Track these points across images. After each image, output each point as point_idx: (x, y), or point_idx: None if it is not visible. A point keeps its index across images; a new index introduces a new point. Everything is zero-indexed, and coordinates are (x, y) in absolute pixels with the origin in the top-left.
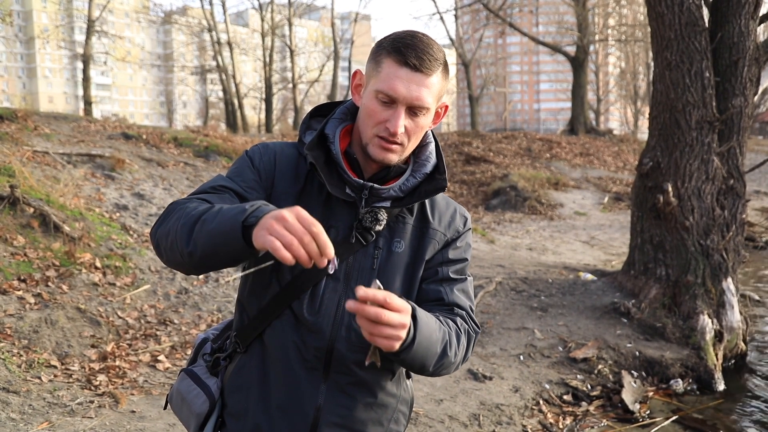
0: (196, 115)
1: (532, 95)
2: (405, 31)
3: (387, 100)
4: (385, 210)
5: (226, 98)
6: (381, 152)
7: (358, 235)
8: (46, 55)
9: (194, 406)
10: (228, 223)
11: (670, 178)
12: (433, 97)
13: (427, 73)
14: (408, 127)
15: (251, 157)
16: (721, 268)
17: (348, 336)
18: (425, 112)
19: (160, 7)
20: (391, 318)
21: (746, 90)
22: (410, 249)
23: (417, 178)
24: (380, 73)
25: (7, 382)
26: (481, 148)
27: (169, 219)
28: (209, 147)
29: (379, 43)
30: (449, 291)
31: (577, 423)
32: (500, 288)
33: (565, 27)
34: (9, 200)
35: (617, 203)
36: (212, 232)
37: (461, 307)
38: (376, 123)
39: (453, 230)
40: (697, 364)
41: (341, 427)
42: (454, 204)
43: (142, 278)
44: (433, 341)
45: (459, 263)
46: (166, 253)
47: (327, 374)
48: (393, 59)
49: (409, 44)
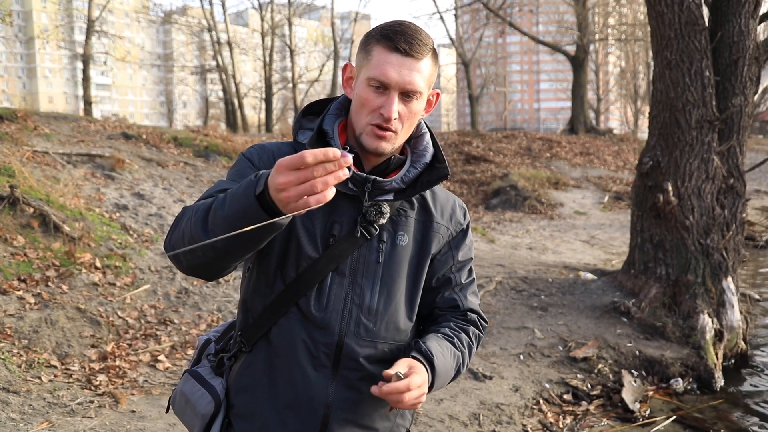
0: (196, 114)
1: (532, 95)
2: (391, 21)
3: (379, 86)
4: (388, 203)
5: (226, 98)
6: (374, 140)
7: (362, 229)
8: (46, 55)
9: (199, 407)
10: (242, 203)
11: (670, 177)
12: (425, 81)
13: (417, 57)
14: (401, 113)
15: (249, 158)
16: (722, 268)
17: (357, 330)
18: (418, 97)
19: (159, 7)
20: (412, 396)
21: (746, 89)
22: (414, 242)
23: (417, 169)
24: (371, 61)
25: (7, 382)
26: (481, 147)
27: (180, 224)
28: (209, 147)
29: (368, 33)
30: (464, 298)
31: (577, 422)
32: (500, 287)
33: (565, 26)
34: (9, 200)
35: (617, 202)
36: (228, 217)
37: (474, 311)
38: (370, 111)
39: (455, 223)
40: (697, 364)
41: (351, 422)
42: (452, 196)
43: (142, 278)
44: (448, 375)
45: (468, 264)
46: (186, 258)
47: (336, 371)
48: (383, 46)
49: (398, 31)
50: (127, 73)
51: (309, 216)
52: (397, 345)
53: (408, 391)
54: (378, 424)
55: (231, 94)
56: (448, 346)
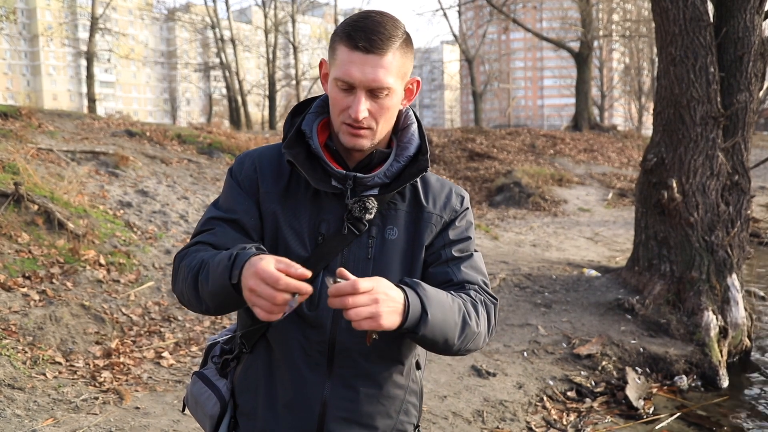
0: (200, 112)
1: (536, 91)
2: (358, 13)
3: (346, 87)
4: (374, 198)
5: (230, 95)
6: (351, 139)
7: (349, 225)
8: (50, 53)
9: (207, 408)
10: (219, 285)
11: (674, 174)
12: (394, 75)
13: (379, 53)
14: (372, 110)
15: (232, 173)
16: (726, 264)
17: (349, 327)
18: (387, 92)
19: (163, 4)
20: (359, 301)
21: (751, 85)
22: (405, 235)
23: (401, 162)
24: (336, 60)
25: (12, 379)
26: (485, 144)
27: (178, 278)
28: (213, 144)
29: (335, 29)
30: (456, 270)
31: (581, 419)
32: (504, 284)
33: (569, 23)
34: (13, 198)
35: (621, 199)
36: (213, 294)
37: (472, 281)
38: (340, 111)
39: (450, 211)
40: (701, 361)
41: (348, 421)
42: (449, 184)
43: (146, 275)
44: (448, 311)
45: (461, 242)
46: (192, 308)
47: (331, 369)
48: (344, 45)
49: (359, 27)
50: (131, 70)
51: (295, 215)
52: (394, 342)
53: (354, 295)
54: (378, 422)
55: (234, 92)
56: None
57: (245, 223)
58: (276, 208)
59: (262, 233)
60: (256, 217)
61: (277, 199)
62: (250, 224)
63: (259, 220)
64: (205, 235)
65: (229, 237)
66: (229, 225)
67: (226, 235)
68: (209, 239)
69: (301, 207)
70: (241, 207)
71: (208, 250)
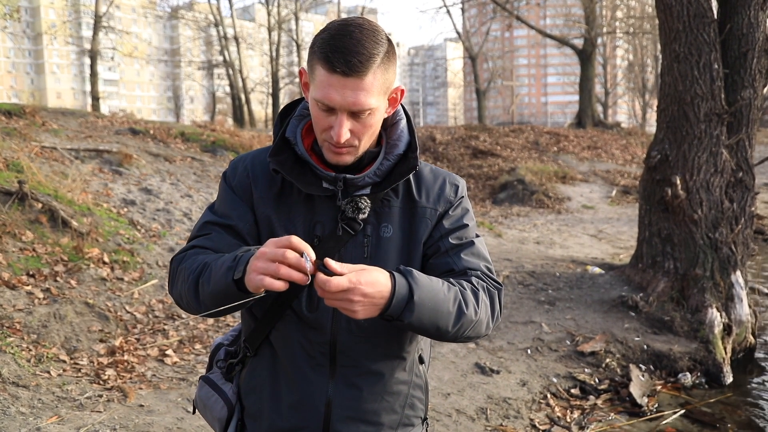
0: (204, 110)
1: (540, 88)
2: (336, 27)
3: (326, 109)
4: (366, 197)
5: (233, 93)
6: (334, 156)
7: (344, 226)
8: (53, 51)
9: (215, 412)
10: (222, 284)
11: (678, 170)
12: (375, 95)
13: (359, 75)
14: (355, 130)
15: (226, 178)
16: (730, 261)
17: (349, 327)
18: (370, 112)
19: (166, 2)
20: (332, 286)
21: (755, 82)
22: (401, 231)
23: (391, 161)
24: (315, 80)
25: (17, 377)
26: (489, 141)
27: (176, 281)
28: (216, 142)
29: (313, 41)
30: (456, 259)
31: (584, 416)
32: (508, 282)
33: (573, 19)
34: (17, 196)
35: (625, 196)
36: (214, 294)
37: (474, 268)
38: (322, 130)
39: (444, 201)
40: (705, 358)
41: (354, 419)
42: (443, 174)
43: (150, 273)
44: (440, 299)
45: (458, 230)
46: (190, 311)
47: (334, 369)
48: (323, 67)
49: (337, 47)
50: (135, 68)
51: (290, 219)
52: (394, 339)
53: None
54: (383, 417)
55: (238, 89)
56: (436, 279)
57: (241, 229)
58: (270, 213)
59: (258, 238)
60: (252, 222)
61: (270, 204)
62: (246, 229)
63: (255, 225)
64: (201, 240)
65: (224, 242)
66: (224, 230)
67: (222, 240)
68: (205, 243)
69: (295, 210)
70: (236, 212)
71: (207, 253)
